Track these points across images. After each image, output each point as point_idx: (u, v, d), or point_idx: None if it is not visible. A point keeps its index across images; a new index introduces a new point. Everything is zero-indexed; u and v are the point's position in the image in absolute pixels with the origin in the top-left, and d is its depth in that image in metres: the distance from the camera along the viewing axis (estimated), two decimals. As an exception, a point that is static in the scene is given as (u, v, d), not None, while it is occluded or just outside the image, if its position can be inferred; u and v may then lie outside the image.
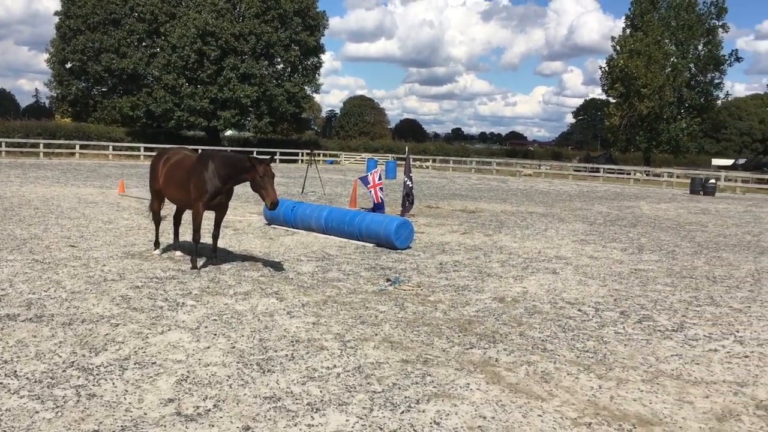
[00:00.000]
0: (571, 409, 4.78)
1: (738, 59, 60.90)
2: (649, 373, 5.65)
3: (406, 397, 4.85)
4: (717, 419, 4.73)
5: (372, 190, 16.61)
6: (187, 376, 5.09)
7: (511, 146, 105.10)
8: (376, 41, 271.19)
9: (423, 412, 4.61)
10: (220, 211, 9.54)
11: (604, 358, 6.01)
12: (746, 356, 6.27)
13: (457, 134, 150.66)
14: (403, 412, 4.58)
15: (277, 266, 9.60)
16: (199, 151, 9.81)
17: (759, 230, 17.54)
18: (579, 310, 7.78)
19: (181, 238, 10.72)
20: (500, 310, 7.61)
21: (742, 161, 67.99)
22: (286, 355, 5.69)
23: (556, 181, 42.82)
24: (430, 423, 4.43)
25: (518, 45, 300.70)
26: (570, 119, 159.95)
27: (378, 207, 16.47)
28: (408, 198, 16.84)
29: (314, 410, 4.54)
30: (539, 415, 4.64)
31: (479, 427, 4.40)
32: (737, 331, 7.15)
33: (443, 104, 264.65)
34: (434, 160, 57.40)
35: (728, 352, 6.37)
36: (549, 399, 4.96)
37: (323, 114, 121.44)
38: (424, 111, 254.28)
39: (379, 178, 16.82)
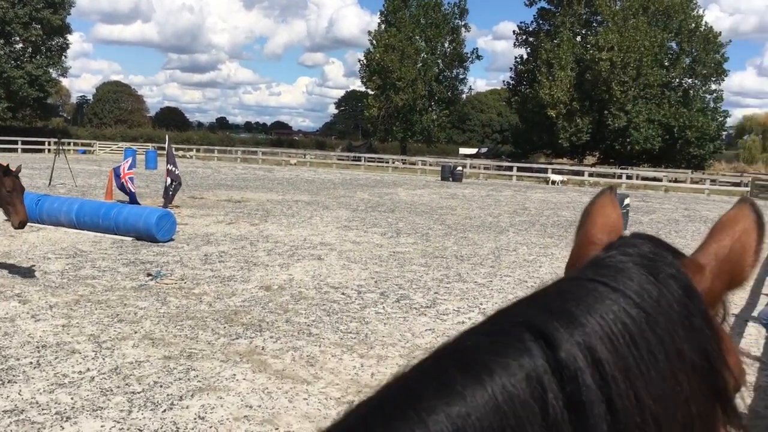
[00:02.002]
0: (335, 389, 4.94)
1: (478, 57, 68.23)
2: (406, 349, 6.04)
3: (168, 395, 4.67)
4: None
5: (123, 180, 15.67)
6: None
7: (276, 136, 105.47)
8: (131, 24, 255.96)
9: (187, 408, 4.47)
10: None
11: (366, 338, 6.30)
12: (488, 325, 6.96)
13: (222, 123, 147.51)
14: (165, 411, 4.40)
15: (19, 266, 8.67)
16: None
17: (498, 212, 19.53)
18: (343, 294, 8.07)
19: None
20: (267, 299, 7.62)
21: (484, 150, 75.39)
22: (31, 362, 5.18)
23: (320, 170, 43.78)
24: (194, 418, 4.31)
25: (281, 35, 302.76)
26: (333, 110, 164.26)
27: (131, 198, 15.60)
28: (172, 187, 16.12)
29: (64, 419, 4.19)
30: (305, 399, 4.74)
31: (245, 416, 4.38)
32: (481, 304, 7.91)
33: (206, 92, 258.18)
34: (198, 150, 55.55)
35: (473, 323, 7.02)
36: (314, 382, 5.08)
37: (73, 100, 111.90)
38: (187, 99, 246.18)
39: (130, 168, 15.89)
